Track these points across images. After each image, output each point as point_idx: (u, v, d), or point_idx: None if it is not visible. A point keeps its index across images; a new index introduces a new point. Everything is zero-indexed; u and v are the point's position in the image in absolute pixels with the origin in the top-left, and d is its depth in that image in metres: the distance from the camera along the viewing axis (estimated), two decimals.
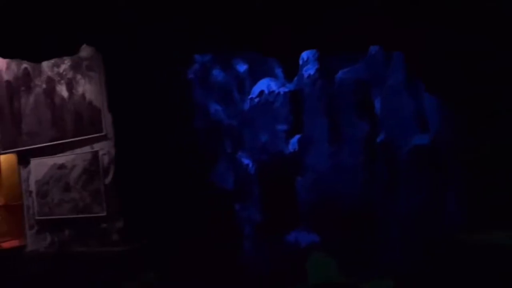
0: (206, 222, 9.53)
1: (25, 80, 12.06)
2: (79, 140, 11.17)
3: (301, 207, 8.66)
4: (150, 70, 10.45)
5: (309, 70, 8.61)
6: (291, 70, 9.35)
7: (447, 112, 6.93)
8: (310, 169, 8.51)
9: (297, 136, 8.80)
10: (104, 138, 10.79)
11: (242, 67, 9.95)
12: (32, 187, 11.96)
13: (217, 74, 10.08)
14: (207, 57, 10.31)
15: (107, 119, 10.76)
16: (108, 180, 10.81)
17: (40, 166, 11.82)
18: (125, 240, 10.28)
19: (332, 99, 8.45)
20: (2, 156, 13.03)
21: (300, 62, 8.90)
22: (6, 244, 12.47)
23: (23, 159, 12.24)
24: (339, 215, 8.27)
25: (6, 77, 12.39)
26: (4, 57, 10.92)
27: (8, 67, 12.36)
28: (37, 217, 11.88)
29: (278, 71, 9.67)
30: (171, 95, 10.35)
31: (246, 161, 9.21)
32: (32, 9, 6.76)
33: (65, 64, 11.40)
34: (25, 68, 12.08)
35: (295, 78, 9.07)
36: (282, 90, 8.97)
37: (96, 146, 10.94)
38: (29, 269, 11.35)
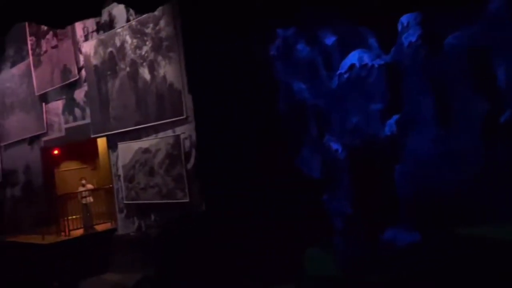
0: (290, 213, 8.69)
1: (110, 64, 12.07)
2: (161, 123, 10.95)
3: (400, 200, 7.36)
4: (230, 48, 9.75)
5: (410, 37, 7.16)
6: (388, 39, 7.95)
7: None
8: (412, 155, 7.16)
9: (395, 117, 7.45)
10: (185, 121, 10.44)
11: (329, 40, 8.76)
12: (120, 171, 12.06)
13: (302, 49, 9.02)
14: (290, 31, 9.29)
15: (187, 101, 10.38)
16: (190, 165, 10.46)
17: (126, 150, 11.84)
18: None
19: (439, 70, 6.95)
20: (99, 140, 13.31)
21: (399, 28, 7.49)
22: (100, 227, 12.81)
23: (112, 143, 12.38)
24: (447, 211, 6.86)
25: (94, 61, 12.52)
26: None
27: (95, 52, 12.47)
28: (125, 201, 11.99)
29: (372, 41, 8.32)
30: (252, 74, 9.58)
31: (334, 145, 8.09)
32: None
33: (147, 46, 11.15)
34: (111, 52, 12.07)
35: (393, 48, 7.68)
36: (377, 62, 7.65)
37: (178, 130, 10.63)
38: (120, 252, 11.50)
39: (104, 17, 12.17)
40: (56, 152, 15.04)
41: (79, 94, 13.36)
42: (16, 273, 10.65)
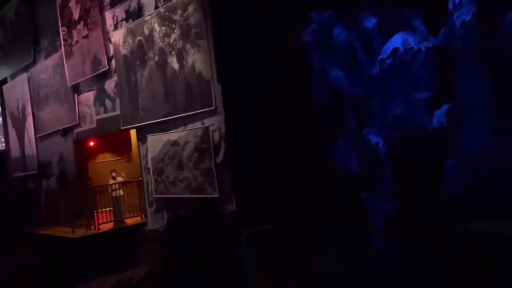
0: (325, 211, 8.08)
1: (139, 54, 11.72)
2: (190, 115, 10.50)
3: (450, 199, 6.62)
4: (262, 34, 9.17)
5: (463, 16, 6.38)
6: (436, 20, 7.17)
7: None
8: (464, 150, 6.41)
9: (445, 106, 6.73)
10: (214, 112, 9.94)
11: (370, 22, 8.09)
12: (150, 164, 11.74)
13: (339, 33, 8.38)
14: (326, 14, 8.63)
15: (216, 91, 9.85)
16: (219, 158, 9.96)
17: (155, 143, 11.49)
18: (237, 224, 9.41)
19: (497, 53, 6.13)
20: (132, 131, 13.06)
21: (450, 6, 6.72)
22: (130, 221, 12.58)
23: (141, 135, 12.09)
24: (507, 213, 6.07)
25: (123, 51, 12.21)
26: None
27: (124, 41, 12.15)
28: (154, 195, 11.68)
29: (418, 23, 7.58)
30: (285, 62, 8.98)
31: (375, 138, 7.45)
32: None
33: (175, 34, 10.71)
34: (139, 41, 11.71)
35: (442, 30, 6.91)
36: (424, 46, 6.91)
37: (207, 122, 10.15)
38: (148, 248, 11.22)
39: (133, 4, 11.82)
40: (91, 143, 14.95)
41: (110, 85, 13.12)
42: (44, 267, 10.57)
